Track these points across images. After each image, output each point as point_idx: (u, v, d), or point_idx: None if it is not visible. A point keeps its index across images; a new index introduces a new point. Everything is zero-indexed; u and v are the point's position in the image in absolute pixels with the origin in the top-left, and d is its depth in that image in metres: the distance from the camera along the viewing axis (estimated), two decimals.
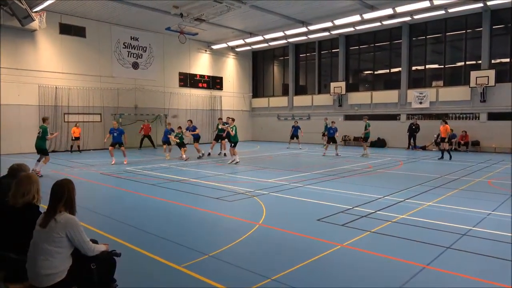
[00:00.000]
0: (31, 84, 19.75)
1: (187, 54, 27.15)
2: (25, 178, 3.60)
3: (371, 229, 5.97)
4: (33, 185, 3.56)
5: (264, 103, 31.65)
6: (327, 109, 27.14)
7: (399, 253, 4.91)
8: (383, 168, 13.62)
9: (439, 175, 11.74)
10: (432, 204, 7.76)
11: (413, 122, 22.47)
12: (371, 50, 25.81)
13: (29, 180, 3.57)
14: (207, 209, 7.49)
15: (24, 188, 3.50)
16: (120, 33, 23.20)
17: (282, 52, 30.43)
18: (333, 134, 18.46)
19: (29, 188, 3.51)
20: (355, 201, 7.95)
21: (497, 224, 6.32)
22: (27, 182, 3.55)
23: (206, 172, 12.80)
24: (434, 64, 23.33)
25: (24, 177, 3.62)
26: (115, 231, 5.93)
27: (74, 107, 21.36)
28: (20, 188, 3.50)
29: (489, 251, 4.98)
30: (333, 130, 18.50)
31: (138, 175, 12.14)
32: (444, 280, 4.18)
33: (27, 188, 3.51)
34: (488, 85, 19.91)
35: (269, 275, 4.21)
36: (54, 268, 3.07)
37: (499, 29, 20.58)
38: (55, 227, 3.10)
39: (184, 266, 4.50)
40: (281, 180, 10.80)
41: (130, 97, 23.86)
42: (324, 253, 4.92)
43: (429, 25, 22.65)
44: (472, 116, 21.23)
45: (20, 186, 3.51)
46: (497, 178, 11.35)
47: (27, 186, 3.52)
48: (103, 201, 8.75)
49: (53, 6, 18.71)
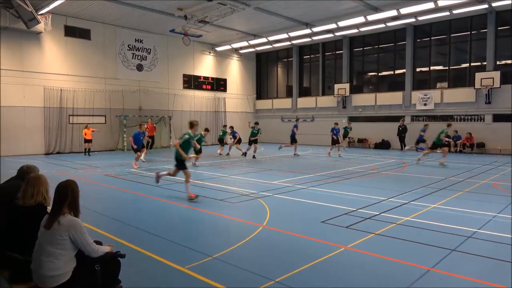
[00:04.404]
0: (37, 86, 19.89)
1: (191, 56, 27.23)
2: (34, 179, 3.62)
3: (376, 231, 5.95)
4: (42, 186, 3.59)
5: (268, 105, 31.66)
6: (331, 111, 27.10)
7: (404, 256, 4.88)
8: (387, 170, 13.57)
9: (444, 177, 11.68)
10: (437, 206, 7.72)
11: (400, 124, 22.44)
12: (375, 52, 25.76)
13: (38, 181, 3.60)
14: (211, 211, 7.50)
15: (33, 189, 3.53)
16: (124, 35, 23.31)
17: (286, 54, 30.44)
18: (337, 135, 18.49)
19: (38, 189, 3.55)
20: (359, 203, 7.92)
21: (502, 226, 6.26)
22: (36, 183, 3.58)
23: (210, 173, 12.81)
24: (439, 65, 23.25)
25: (33, 178, 3.64)
26: (119, 233, 5.95)
27: (79, 109, 21.47)
28: (29, 189, 3.53)
29: (495, 254, 4.94)
30: (337, 131, 18.54)
31: (142, 176, 12.17)
32: (449, 283, 4.15)
33: (36, 189, 3.54)
34: (493, 86, 19.79)
35: (273, 277, 4.20)
36: (58, 270, 3.09)
37: (504, 30, 20.46)
38: (59, 229, 3.12)
39: (188, 267, 4.50)
40: (285, 182, 10.79)
41: (135, 99, 23.96)
42: (328, 255, 4.90)
43: (433, 26, 22.57)
44: (477, 118, 21.11)
45: (29, 187, 3.54)
46: (503, 180, 11.27)
47: (36, 187, 3.55)
48: (107, 202, 8.78)
49: (58, 9, 18.84)
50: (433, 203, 7.94)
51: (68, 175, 11.88)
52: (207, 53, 28.39)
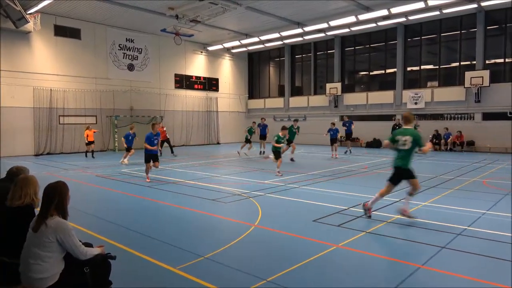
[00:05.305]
0: (26, 87, 19.65)
1: (183, 55, 27.12)
2: (22, 181, 3.58)
3: (367, 229, 5.98)
4: (30, 187, 3.54)
5: (260, 104, 31.66)
6: (323, 110, 27.20)
7: (395, 253, 4.92)
8: (379, 169, 13.65)
9: (434, 175, 11.78)
10: (427, 204, 7.79)
11: (396, 122, 22.45)
12: (367, 51, 25.91)
13: (26, 183, 3.56)
14: (203, 211, 7.47)
15: (21, 191, 3.49)
16: (115, 34, 23.13)
17: (278, 53, 30.47)
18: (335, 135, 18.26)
19: (26, 191, 3.50)
20: (351, 202, 7.95)
21: (491, 223, 6.34)
22: (24, 184, 3.54)
23: (202, 173, 12.77)
24: (429, 64, 23.45)
25: (21, 180, 3.60)
26: (110, 234, 5.90)
27: (70, 109, 21.26)
28: (17, 191, 3.49)
29: (484, 251, 5.00)
30: (335, 132, 18.26)
31: (133, 177, 12.09)
32: (439, 280, 4.19)
33: (24, 191, 3.49)
34: (483, 85, 20.02)
35: (265, 277, 4.20)
36: (45, 272, 3.06)
37: (494, 29, 20.72)
38: (46, 231, 3.09)
39: (180, 268, 4.48)
40: (277, 181, 10.80)
41: (126, 99, 23.80)
42: (320, 254, 4.92)
43: (424, 26, 22.75)
44: (467, 116, 21.34)
45: (17, 189, 3.50)
46: (492, 178, 11.41)
47: (24, 189, 3.51)
48: (98, 203, 8.70)
49: (47, 8, 18.64)
50: (424, 201, 8.01)
51: (59, 176, 11.76)
52: (199, 52, 28.31)
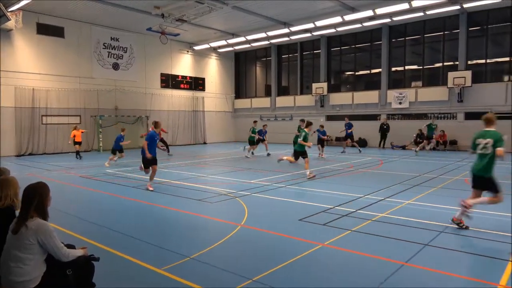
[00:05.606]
0: (7, 86, 19.20)
1: (169, 55, 26.91)
2: (2, 182, 3.51)
3: (352, 228, 6.04)
4: (10, 189, 3.48)
5: (246, 104, 31.66)
6: (309, 110, 27.33)
7: (379, 251, 4.98)
8: (364, 168, 13.79)
9: (418, 173, 11.96)
10: (411, 202, 7.91)
11: (384, 122, 22.85)
12: (352, 51, 26.15)
13: (6, 184, 3.49)
14: (189, 211, 7.44)
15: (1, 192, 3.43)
16: (100, 33, 22.81)
17: (265, 53, 30.50)
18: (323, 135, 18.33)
19: (6, 193, 3.44)
20: (337, 201, 8.02)
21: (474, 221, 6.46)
22: (4, 186, 3.47)
23: (188, 173, 12.71)
24: (413, 65, 23.80)
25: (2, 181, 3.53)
26: (94, 235, 5.82)
27: (53, 109, 20.87)
28: None
29: (466, 248, 5.10)
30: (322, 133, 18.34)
31: (118, 177, 11.95)
32: (422, 277, 4.25)
33: (4, 193, 3.43)
34: (465, 85, 20.42)
35: (251, 276, 4.21)
36: (26, 275, 3.00)
37: (475, 31, 21.15)
38: (26, 233, 3.03)
39: (165, 269, 4.45)
40: (264, 181, 10.81)
41: (111, 99, 23.48)
42: (306, 253, 4.94)
43: (408, 26, 23.08)
44: (450, 116, 21.73)
45: None
46: None
47: (4, 190, 3.44)
48: (81, 204, 8.56)
49: (30, 6, 18.23)
50: (407, 199, 8.13)
51: (42, 177, 11.53)
52: (185, 52, 28.14)
